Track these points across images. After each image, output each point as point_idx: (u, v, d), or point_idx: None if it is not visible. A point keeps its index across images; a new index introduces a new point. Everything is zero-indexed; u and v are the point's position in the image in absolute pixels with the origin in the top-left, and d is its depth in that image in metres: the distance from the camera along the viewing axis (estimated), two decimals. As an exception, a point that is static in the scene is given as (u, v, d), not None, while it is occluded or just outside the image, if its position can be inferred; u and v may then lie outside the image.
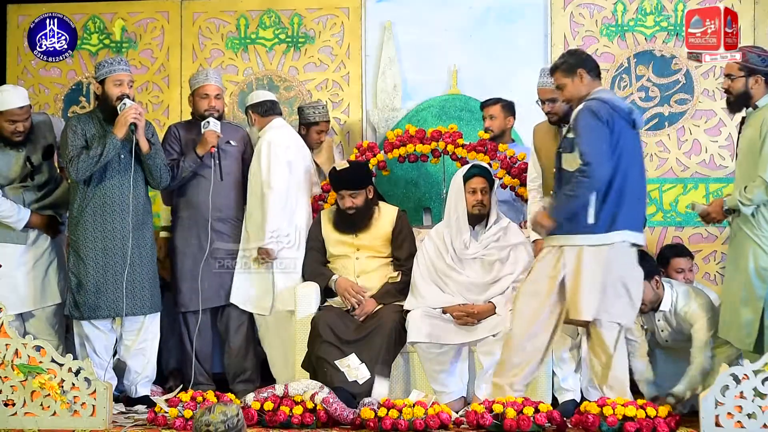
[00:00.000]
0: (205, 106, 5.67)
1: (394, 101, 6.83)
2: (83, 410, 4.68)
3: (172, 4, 6.97)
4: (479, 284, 5.35)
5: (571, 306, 4.70)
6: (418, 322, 5.22)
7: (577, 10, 6.72)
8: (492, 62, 6.79)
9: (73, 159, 5.22)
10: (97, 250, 5.31)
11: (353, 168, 5.62)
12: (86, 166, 5.22)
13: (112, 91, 5.30)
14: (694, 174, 6.55)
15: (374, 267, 5.53)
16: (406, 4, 6.90)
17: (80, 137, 5.28)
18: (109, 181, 5.32)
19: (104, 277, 5.30)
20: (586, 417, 4.62)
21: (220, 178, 5.65)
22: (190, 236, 5.67)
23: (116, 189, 5.34)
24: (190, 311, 5.64)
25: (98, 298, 5.30)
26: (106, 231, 5.31)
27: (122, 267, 5.29)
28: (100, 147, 5.22)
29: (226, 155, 5.71)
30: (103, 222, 5.31)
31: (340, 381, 5.07)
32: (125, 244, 5.31)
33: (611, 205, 4.66)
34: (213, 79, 5.71)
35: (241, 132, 5.89)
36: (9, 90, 5.43)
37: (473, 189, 5.37)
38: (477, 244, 5.41)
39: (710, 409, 4.42)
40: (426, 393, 5.08)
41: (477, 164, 5.51)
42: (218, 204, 5.62)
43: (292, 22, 6.91)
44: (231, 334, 5.70)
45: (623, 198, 4.67)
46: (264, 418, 4.74)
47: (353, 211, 5.51)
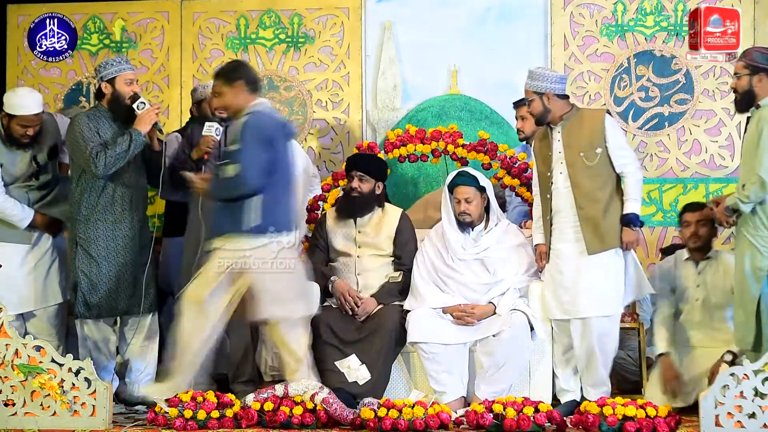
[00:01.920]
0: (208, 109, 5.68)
1: (394, 101, 6.83)
2: (83, 410, 4.68)
3: (172, 4, 6.97)
4: (479, 285, 5.36)
5: (252, 307, 4.87)
6: (418, 322, 5.22)
7: (577, 10, 6.72)
8: (492, 62, 6.80)
9: (99, 154, 5.19)
10: (110, 249, 5.31)
11: (374, 156, 5.76)
12: (113, 162, 5.21)
13: (124, 90, 5.30)
14: (694, 174, 6.55)
15: (375, 266, 5.53)
16: (406, 4, 6.91)
17: (95, 133, 5.27)
18: (120, 180, 5.33)
19: (117, 276, 5.31)
20: (586, 417, 4.62)
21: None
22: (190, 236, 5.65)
23: (128, 188, 5.35)
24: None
25: (112, 297, 5.29)
26: (118, 230, 5.32)
27: (134, 266, 5.33)
28: (125, 143, 5.21)
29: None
30: (115, 221, 5.31)
31: (339, 381, 5.08)
32: (135, 242, 5.34)
33: (267, 210, 4.81)
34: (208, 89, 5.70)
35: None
36: (26, 95, 5.43)
37: (458, 199, 5.39)
38: (476, 246, 5.41)
39: (710, 409, 4.42)
40: (426, 393, 5.08)
41: (462, 172, 5.48)
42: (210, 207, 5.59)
43: (292, 22, 6.92)
44: (232, 334, 5.68)
45: (276, 203, 4.84)
46: (264, 418, 4.74)
47: (357, 194, 5.52)
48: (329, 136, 6.89)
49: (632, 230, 5.08)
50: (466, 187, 5.38)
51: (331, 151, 6.89)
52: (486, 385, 5.13)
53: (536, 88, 5.18)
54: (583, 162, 5.10)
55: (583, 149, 5.11)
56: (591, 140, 5.11)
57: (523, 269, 5.38)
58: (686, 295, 5.40)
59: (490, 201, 5.42)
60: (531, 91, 5.20)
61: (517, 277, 5.36)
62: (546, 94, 5.17)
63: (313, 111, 6.90)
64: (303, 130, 6.80)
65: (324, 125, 6.91)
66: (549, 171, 5.21)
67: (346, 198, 5.60)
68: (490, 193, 5.42)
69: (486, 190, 5.41)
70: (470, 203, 5.37)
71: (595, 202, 5.10)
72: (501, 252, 5.40)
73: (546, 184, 5.22)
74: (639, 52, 6.67)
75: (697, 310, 5.35)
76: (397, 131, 6.04)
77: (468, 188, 5.38)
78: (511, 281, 5.35)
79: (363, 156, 5.74)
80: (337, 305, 5.46)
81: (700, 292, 5.35)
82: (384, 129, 6.71)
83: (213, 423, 4.72)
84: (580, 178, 5.11)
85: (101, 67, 5.36)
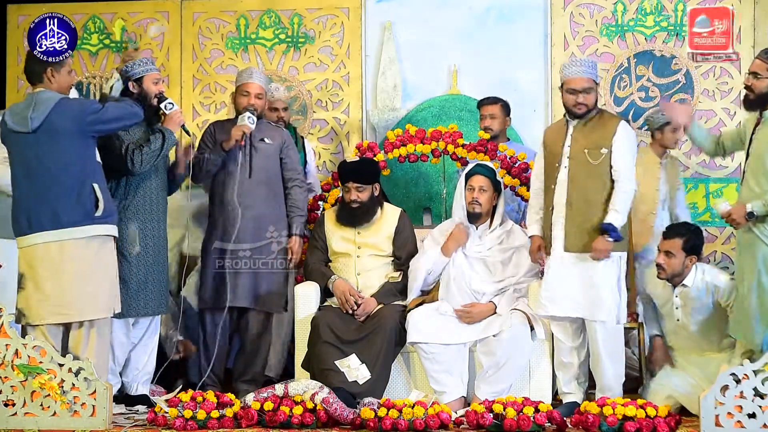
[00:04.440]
0: (244, 104, 5.66)
1: (394, 101, 6.83)
2: (83, 410, 4.68)
3: (172, 4, 6.98)
4: (480, 285, 5.35)
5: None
6: (418, 322, 5.22)
7: (577, 10, 6.72)
8: (492, 62, 6.80)
9: (135, 152, 5.19)
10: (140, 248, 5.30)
11: (363, 162, 5.68)
12: (149, 159, 5.20)
13: (152, 89, 5.32)
14: (694, 174, 6.55)
15: (375, 266, 5.53)
16: (406, 4, 6.91)
17: (127, 132, 5.25)
18: (148, 180, 5.32)
19: (146, 276, 5.29)
20: (586, 417, 4.62)
21: (248, 176, 5.63)
22: (213, 233, 5.66)
23: (154, 188, 5.35)
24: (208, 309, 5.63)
25: (141, 297, 5.27)
26: (147, 229, 5.31)
27: (163, 266, 5.37)
28: (158, 141, 5.22)
29: (259, 153, 5.69)
30: (144, 220, 5.30)
31: (339, 381, 5.08)
32: (163, 243, 5.38)
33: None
34: (257, 78, 5.70)
35: (279, 131, 5.86)
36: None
37: (471, 186, 5.39)
38: (480, 245, 5.41)
39: (710, 409, 4.42)
40: (426, 393, 5.08)
41: (481, 163, 5.52)
42: (245, 202, 5.61)
43: (292, 22, 6.92)
44: (249, 335, 5.66)
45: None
46: (264, 418, 4.74)
47: (357, 204, 5.51)
48: (329, 136, 6.89)
49: (604, 239, 4.96)
50: (481, 176, 5.39)
51: (331, 151, 6.89)
52: (486, 385, 5.13)
53: (595, 77, 5.14)
54: (586, 158, 5.07)
55: (590, 146, 5.08)
56: (600, 140, 5.08)
57: (524, 270, 5.39)
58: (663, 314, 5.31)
59: (499, 202, 5.43)
60: (591, 80, 5.12)
61: (518, 278, 5.37)
62: (598, 84, 5.17)
63: (313, 111, 6.90)
64: (303, 130, 6.79)
65: (324, 125, 6.91)
66: (557, 163, 5.16)
67: (347, 208, 5.56)
68: (499, 194, 5.43)
69: (500, 189, 5.43)
70: (483, 193, 5.37)
71: (586, 202, 5.06)
72: (504, 252, 5.41)
73: (553, 176, 5.17)
74: (639, 52, 6.67)
75: (679, 331, 5.24)
76: (397, 131, 6.04)
77: (483, 178, 5.39)
78: (512, 282, 5.35)
79: (354, 165, 5.62)
80: (337, 305, 5.46)
81: (679, 314, 5.21)
82: (384, 129, 6.71)
83: (213, 423, 4.72)
84: (579, 174, 5.08)
85: (129, 67, 5.36)
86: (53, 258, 4.76)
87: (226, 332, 5.63)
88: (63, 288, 4.76)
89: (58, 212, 4.74)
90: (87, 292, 4.78)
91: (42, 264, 4.76)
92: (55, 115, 4.75)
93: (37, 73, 4.88)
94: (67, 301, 4.76)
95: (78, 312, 4.79)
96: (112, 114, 4.89)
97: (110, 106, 4.93)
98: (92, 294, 4.80)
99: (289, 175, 5.73)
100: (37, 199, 4.77)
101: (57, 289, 4.76)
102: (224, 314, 5.55)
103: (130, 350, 5.42)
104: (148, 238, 5.32)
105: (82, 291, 4.77)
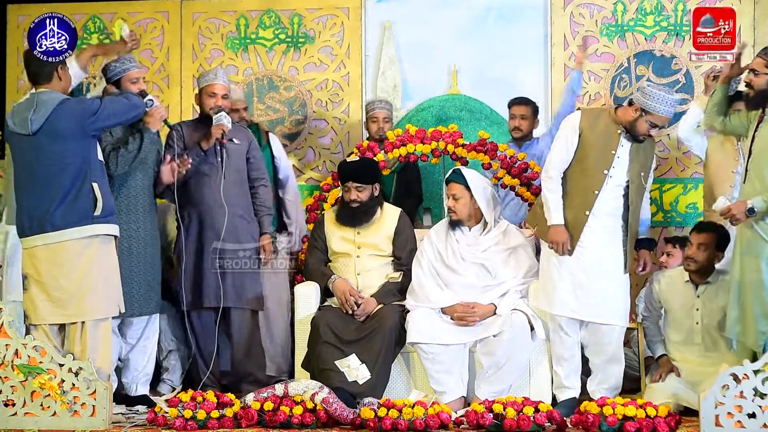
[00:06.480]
0: (211, 104, 5.66)
1: (394, 101, 6.83)
2: (83, 410, 4.68)
3: (172, 4, 6.98)
4: (479, 287, 5.35)
5: None
6: (418, 322, 5.22)
7: (577, 10, 6.72)
8: (492, 62, 6.81)
9: (111, 154, 5.20)
10: (127, 248, 5.28)
11: (363, 162, 5.68)
12: (126, 161, 5.22)
13: (131, 89, 5.30)
14: (694, 174, 6.55)
15: (375, 266, 5.53)
16: (406, 4, 6.92)
17: (107, 133, 5.24)
18: (132, 179, 5.33)
19: (129, 275, 5.27)
20: (586, 417, 4.62)
21: (224, 176, 5.63)
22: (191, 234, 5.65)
23: (139, 187, 5.35)
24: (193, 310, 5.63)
25: (126, 297, 5.27)
26: (131, 230, 5.31)
27: (151, 265, 5.36)
28: (136, 142, 5.22)
29: (230, 153, 5.69)
30: (127, 221, 5.28)
31: (339, 381, 5.08)
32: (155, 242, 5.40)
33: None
34: (221, 79, 5.71)
35: (245, 132, 5.87)
36: None
37: (447, 195, 5.44)
38: (475, 247, 5.40)
39: (710, 409, 4.42)
40: (426, 393, 5.08)
41: (455, 170, 5.49)
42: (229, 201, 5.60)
43: (292, 22, 6.92)
44: (235, 335, 5.67)
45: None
46: (264, 418, 4.74)
47: (357, 204, 5.52)
48: (329, 136, 6.89)
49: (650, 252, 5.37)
50: (455, 184, 5.41)
51: (331, 151, 6.89)
52: (486, 385, 5.13)
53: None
54: (640, 181, 5.16)
55: (642, 169, 5.17)
56: (646, 161, 5.19)
57: (524, 271, 5.38)
58: (679, 318, 5.28)
59: (478, 203, 5.39)
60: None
61: (517, 280, 5.36)
62: None
63: (313, 111, 6.90)
64: (303, 130, 6.80)
65: (324, 125, 6.91)
66: (606, 169, 5.10)
67: (347, 208, 5.57)
68: (477, 195, 5.38)
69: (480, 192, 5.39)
70: (457, 201, 5.38)
71: (636, 221, 5.22)
72: (501, 254, 5.40)
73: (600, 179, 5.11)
74: (639, 52, 6.68)
75: (696, 334, 5.23)
76: (397, 131, 6.04)
77: (456, 186, 5.40)
78: (512, 283, 5.35)
79: (354, 165, 5.63)
80: (337, 305, 5.46)
81: (699, 315, 5.20)
82: (384, 129, 6.71)
83: (213, 423, 4.71)
84: (634, 196, 5.15)
85: (107, 70, 5.36)
86: (54, 259, 4.76)
87: (212, 333, 5.63)
88: (64, 288, 4.76)
89: (58, 213, 4.74)
90: (88, 292, 4.78)
91: (44, 265, 4.77)
92: (55, 118, 4.75)
93: (46, 72, 4.87)
94: (69, 301, 4.77)
95: (79, 312, 4.79)
96: (111, 110, 4.89)
97: (108, 102, 4.93)
98: (94, 294, 4.80)
99: (255, 174, 5.76)
100: (38, 200, 4.77)
101: (58, 289, 4.76)
102: (213, 314, 5.56)
103: (128, 351, 5.43)
104: (132, 238, 5.31)
105: (84, 291, 4.78)
